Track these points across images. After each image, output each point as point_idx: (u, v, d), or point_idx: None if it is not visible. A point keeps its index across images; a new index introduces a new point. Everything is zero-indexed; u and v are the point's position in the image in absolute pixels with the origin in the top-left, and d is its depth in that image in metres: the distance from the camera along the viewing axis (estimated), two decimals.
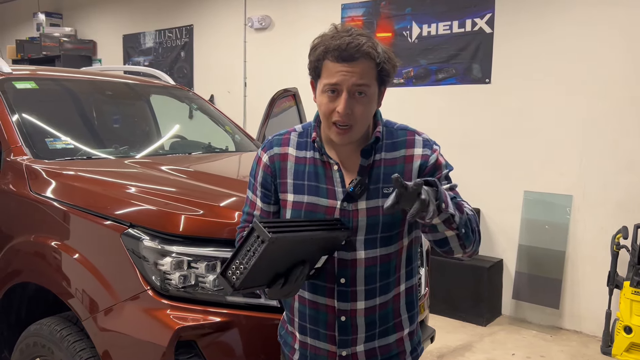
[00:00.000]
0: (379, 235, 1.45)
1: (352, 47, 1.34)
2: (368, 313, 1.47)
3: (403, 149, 1.47)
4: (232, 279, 1.28)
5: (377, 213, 1.43)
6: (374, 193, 1.44)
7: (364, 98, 1.38)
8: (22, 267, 2.38)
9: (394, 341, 1.54)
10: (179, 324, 1.86)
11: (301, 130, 1.55)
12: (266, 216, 1.56)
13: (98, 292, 2.03)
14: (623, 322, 3.58)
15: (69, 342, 2.10)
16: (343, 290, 1.46)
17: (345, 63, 1.35)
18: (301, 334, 1.55)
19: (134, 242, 1.98)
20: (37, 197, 2.33)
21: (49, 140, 2.73)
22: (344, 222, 1.43)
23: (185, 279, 1.92)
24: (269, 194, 1.54)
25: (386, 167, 1.45)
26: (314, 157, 1.49)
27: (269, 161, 1.53)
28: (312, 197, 1.47)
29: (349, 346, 1.49)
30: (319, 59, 1.39)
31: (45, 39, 7.83)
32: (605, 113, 4.04)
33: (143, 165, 2.71)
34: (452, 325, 4.27)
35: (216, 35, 6.50)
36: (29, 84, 3.00)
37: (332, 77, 1.36)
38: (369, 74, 1.37)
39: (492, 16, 4.49)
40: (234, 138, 3.65)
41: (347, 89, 1.36)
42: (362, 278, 1.45)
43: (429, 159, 1.46)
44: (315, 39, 1.42)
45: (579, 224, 4.21)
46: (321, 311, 1.49)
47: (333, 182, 1.46)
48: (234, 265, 1.27)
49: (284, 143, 1.53)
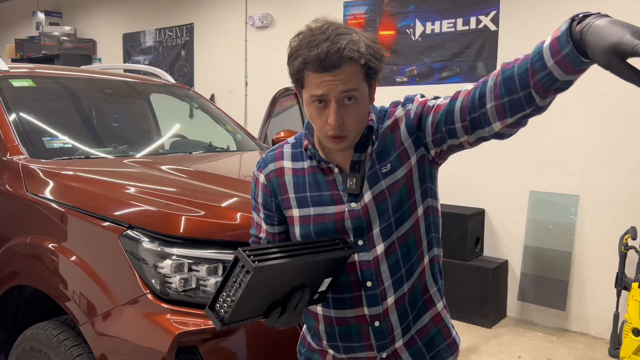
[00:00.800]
0: (393, 219, 1.35)
1: (332, 54, 1.20)
2: (399, 304, 1.38)
3: (387, 120, 1.37)
4: (220, 312, 1.18)
5: (384, 197, 1.34)
6: (374, 178, 1.35)
7: (354, 103, 1.26)
8: (19, 269, 2.32)
9: (430, 320, 1.43)
10: (180, 329, 1.80)
11: (294, 142, 1.46)
12: (272, 239, 1.47)
13: (96, 295, 1.97)
14: (631, 324, 3.52)
15: (65, 347, 2.05)
16: (371, 294, 1.37)
17: (328, 72, 1.22)
18: (335, 352, 1.46)
19: (132, 243, 1.92)
20: (34, 197, 2.27)
21: (46, 139, 2.68)
22: (345, 241, 1.34)
23: (185, 282, 1.86)
24: (272, 214, 1.45)
25: (378, 146, 1.36)
26: (311, 166, 1.40)
27: (265, 180, 1.44)
28: (318, 207, 1.37)
29: (389, 347, 1.40)
30: (299, 71, 1.26)
31: (45, 38, 7.79)
32: (612, 111, 3.98)
33: (142, 165, 2.65)
34: (457, 327, 4.14)
35: (217, 33, 6.45)
36: (26, 81, 2.94)
37: (317, 88, 1.24)
38: (355, 77, 1.24)
39: (497, 13, 4.43)
40: (235, 137, 3.60)
41: (335, 98, 1.24)
42: (387, 271, 1.36)
43: (411, 112, 1.34)
44: (291, 43, 1.29)
45: (586, 225, 4.15)
46: (352, 325, 1.39)
47: (336, 186, 1.37)
48: (221, 298, 1.17)
49: (277, 157, 1.45)
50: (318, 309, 1.43)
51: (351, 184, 1.34)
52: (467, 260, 4.33)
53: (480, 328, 4.22)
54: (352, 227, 1.36)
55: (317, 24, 1.29)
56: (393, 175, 1.34)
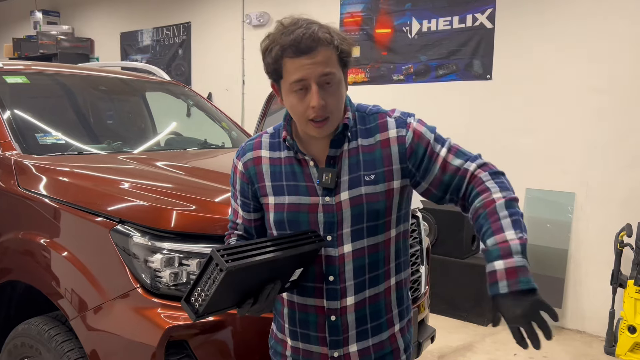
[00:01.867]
0: (365, 225, 1.40)
1: (307, 37, 1.30)
2: (358, 307, 1.43)
3: (377, 133, 1.42)
4: (195, 305, 1.25)
5: (360, 202, 1.39)
6: (355, 181, 1.40)
7: (332, 87, 1.34)
8: (10, 265, 2.32)
9: (387, 338, 1.49)
10: (170, 323, 1.80)
11: (272, 132, 1.51)
12: (248, 225, 1.53)
13: (86, 290, 1.97)
14: (627, 322, 3.52)
15: (57, 342, 2.04)
16: (332, 289, 1.42)
17: (306, 56, 1.30)
18: (292, 340, 1.51)
19: (123, 238, 1.91)
20: (25, 192, 2.27)
21: (39, 135, 2.67)
22: (317, 233, 1.39)
23: (176, 276, 1.86)
24: (248, 202, 1.51)
25: (365, 154, 1.41)
26: (288, 157, 1.45)
27: (243, 168, 1.50)
28: (292, 197, 1.42)
29: (341, 347, 1.45)
30: (277, 60, 1.33)
31: (42, 37, 7.78)
32: (609, 108, 3.98)
33: (135, 161, 2.65)
34: (453, 325, 4.20)
35: (214, 32, 6.45)
36: (20, 78, 2.94)
37: (296, 72, 1.31)
38: (331, 61, 1.33)
39: (493, 11, 4.43)
40: (230, 134, 3.59)
41: (315, 80, 1.31)
42: (350, 272, 1.41)
43: (406, 141, 1.41)
44: (264, 40, 1.37)
45: (582, 222, 4.15)
46: (310, 313, 1.46)
47: (312, 179, 1.42)
48: (195, 292, 1.25)
49: (255, 147, 1.50)
50: (284, 294, 1.49)
51: (327, 178, 1.39)
52: (463, 258, 4.32)
53: (477, 326, 4.21)
54: (323, 221, 1.40)
55: (287, 19, 1.38)
56: (374, 187, 1.40)
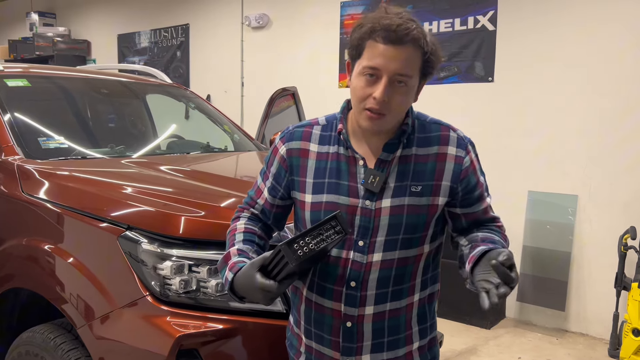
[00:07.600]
0: (401, 237, 1.35)
1: (402, 29, 1.23)
2: (376, 319, 1.38)
3: (436, 145, 1.37)
4: (298, 252, 1.23)
5: (401, 212, 1.34)
6: (400, 190, 1.34)
7: (403, 88, 1.28)
8: (14, 271, 2.28)
9: (403, 355, 1.44)
10: (180, 331, 1.76)
11: (325, 123, 1.44)
12: (269, 208, 1.49)
13: (94, 298, 1.93)
14: (631, 325, 3.51)
15: (63, 351, 2.00)
16: (352, 294, 1.37)
17: (392, 45, 1.24)
18: (306, 338, 1.47)
19: (131, 245, 1.88)
20: (29, 198, 2.23)
21: (42, 139, 2.63)
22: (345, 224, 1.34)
23: (186, 283, 1.82)
24: (279, 188, 1.46)
25: (417, 164, 1.36)
26: (337, 152, 1.39)
27: (286, 154, 1.44)
28: (331, 195, 1.37)
29: (353, 354, 1.41)
30: (363, 38, 1.28)
31: (39, 39, 7.73)
32: (611, 111, 3.97)
33: (140, 165, 2.62)
34: (457, 329, 4.18)
35: (213, 34, 6.41)
36: (21, 81, 2.90)
37: (374, 58, 1.26)
38: (413, 63, 1.27)
39: (495, 13, 4.42)
40: (232, 138, 3.56)
41: (388, 75, 1.26)
42: (374, 281, 1.36)
43: (463, 163, 1.38)
44: (362, 17, 1.32)
45: (585, 225, 4.14)
46: (327, 315, 1.41)
47: (356, 179, 1.36)
48: (302, 241, 1.23)
49: (304, 137, 1.43)
50: (303, 290, 1.46)
51: (373, 181, 1.34)
52: None
53: (480, 329, 4.20)
54: (359, 224, 1.35)
55: (392, 8, 1.32)
56: (419, 199, 1.35)
